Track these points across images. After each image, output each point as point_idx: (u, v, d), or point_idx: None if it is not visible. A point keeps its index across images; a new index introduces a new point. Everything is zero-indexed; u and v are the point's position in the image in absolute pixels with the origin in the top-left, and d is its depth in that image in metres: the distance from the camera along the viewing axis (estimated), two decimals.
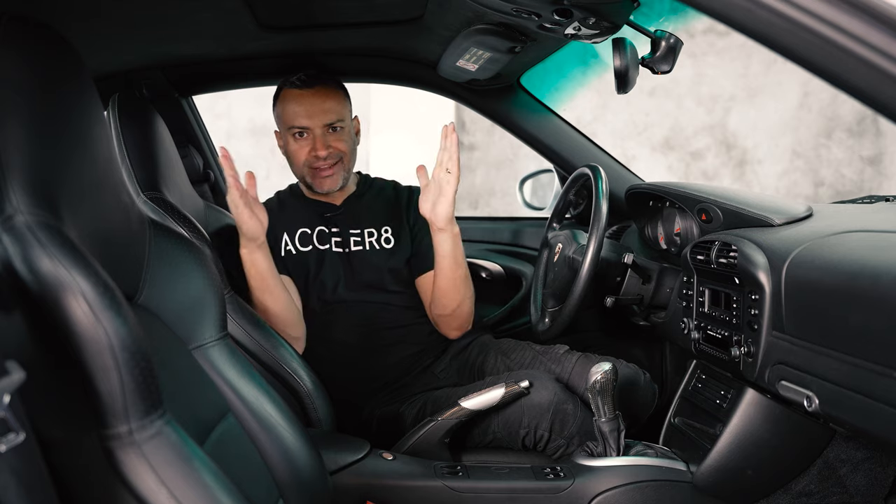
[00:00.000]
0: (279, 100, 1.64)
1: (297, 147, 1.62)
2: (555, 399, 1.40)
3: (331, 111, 1.61)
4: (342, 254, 1.67)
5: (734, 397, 1.24)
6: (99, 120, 0.78)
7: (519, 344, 1.65)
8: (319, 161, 1.61)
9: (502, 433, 1.43)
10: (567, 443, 1.40)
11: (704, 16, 0.67)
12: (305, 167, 1.63)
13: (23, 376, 0.52)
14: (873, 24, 0.61)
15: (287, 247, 1.65)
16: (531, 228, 2.13)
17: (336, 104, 1.63)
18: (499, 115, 1.93)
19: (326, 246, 1.66)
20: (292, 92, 1.61)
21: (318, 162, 1.61)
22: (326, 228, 1.67)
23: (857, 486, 1.24)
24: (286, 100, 1.62)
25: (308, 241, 1.66)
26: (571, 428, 1.40)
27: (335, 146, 1.62)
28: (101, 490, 0.63)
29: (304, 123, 1.60)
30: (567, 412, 1.40)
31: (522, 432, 1.41)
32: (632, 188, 1.68)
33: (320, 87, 1.61)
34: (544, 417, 1.39)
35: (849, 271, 0.92)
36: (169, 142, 1.60)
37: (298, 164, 1.64)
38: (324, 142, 1.60)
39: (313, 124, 1.60)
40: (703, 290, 1.33)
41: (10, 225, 0.64)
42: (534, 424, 1.40)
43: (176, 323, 0.88)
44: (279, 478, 0.96)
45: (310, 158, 1.61)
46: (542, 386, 1.42)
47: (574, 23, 1.19)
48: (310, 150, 1.61)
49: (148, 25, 1.45)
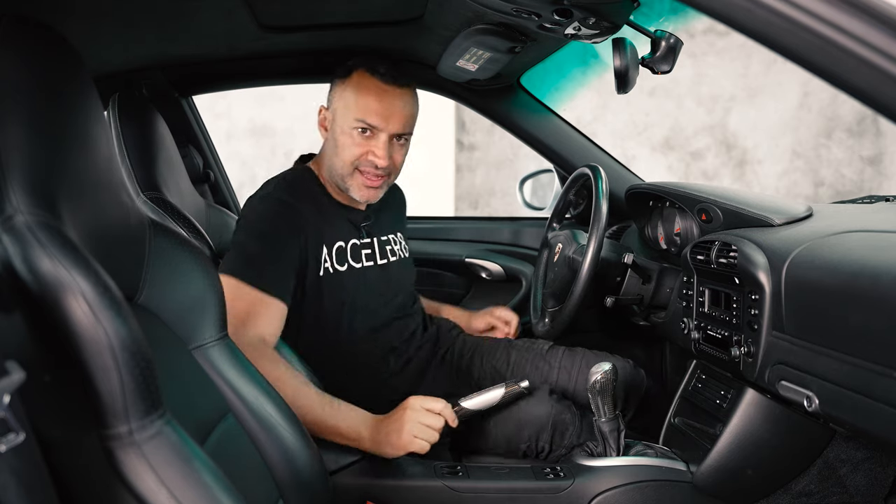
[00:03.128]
0: (352, 83, 1.40)
1: (352, 142, 1.40)
2: (552, 412, 1.42)
3: (408, 120, 1.42)
4: (375, 268, 1.50)
5: (734, 397, 1.24)
6: (99, 120, 0.78)
7: (499, 343, 1.64)
8: (372, 169, 1.41)
9: (503, 448, 1.44)
10: (568, 451, 1.41)
11: (704, 16, 0.67)
12: (352, 167, 1.41)
13: (23, 376, 0.52)
14: (873, 24, 0.61)
15: (325, 264, 1.41)
16: (531, 228, 2.13)
17: (414, 113, 1.45)
18: (499, 115, 1.93)
19: (360, 264, 1.47)
20: (374, 82, 1.39)
21: (370, 168, 1.41)
22: (358, 241, 1.48)
23: (857, 486, 1.24)
24: (364, 88, 1.39)
25: (343, 259, 1.44)
26: (571, 437, 1.42)
27: (395, 159, 1.43)
28: (101, 490, 0.63)
29: (376, 123, 1.38)
30: (566, 422, 1.42)
31: (523, 446, 1.43)
32: (632, 188, 1.68)
33: (407, 88, 1.42)
34: (544, 430, 1.41)
35: (849, 271, 0.92)
36: (169, 142, 1.60)
37: (345, 161, 1.41)
38: (388, 151, 1.40)
39: (386, 128, 1.39)
40: (703, 290, 1.33)
41: (10, 225, 0.64)
42: (534, 438, 1.41)
43: (176, 323, 0.88)
44: (279, 478, 0.96)
45: (363, 161, 1.40)
46: (538, 400, 1.43)
47: (574, 23, 1.19)
48: (367, 153, 1.40)
49: (148, 25, 1.45)
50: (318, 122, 1.48)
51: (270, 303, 1.29)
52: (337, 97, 1.43)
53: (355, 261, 1.46)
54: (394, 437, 1.20)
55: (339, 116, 1.42)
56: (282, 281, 1.33)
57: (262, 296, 1.28)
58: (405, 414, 1.20)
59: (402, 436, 1.19)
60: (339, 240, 1.44)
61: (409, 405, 1.21)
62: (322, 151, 1.50)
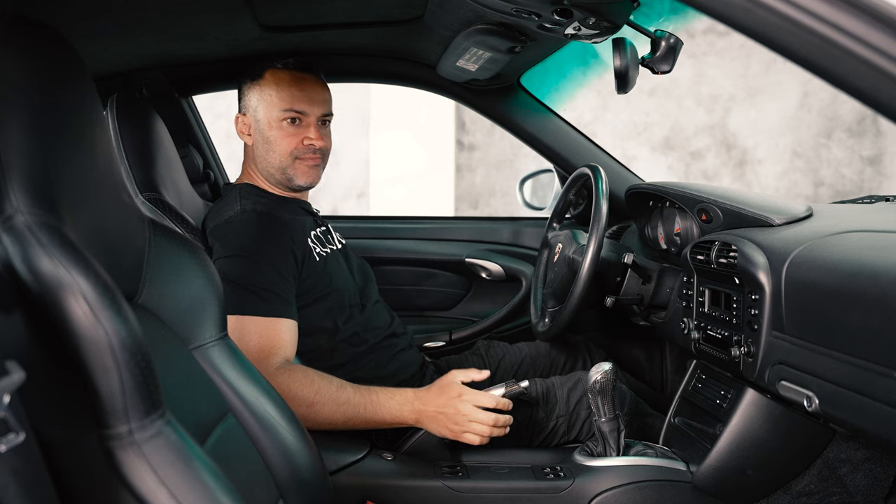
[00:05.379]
0: (267, 81, 1.47)
1: (285, 134, 1.46)
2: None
3: (328, 100, 1.51)
4: (337, 253, 1.54)
5: (734, 397, 1.24)
6: (99, 120, 0.78)
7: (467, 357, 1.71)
8: (311, 154, 1.47)
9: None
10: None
11: (704, 16, 0.67)
12: (291, 157, 1.47)
13: (23, 376, 0.52)
14: (873, 24, 0.61)
15: (316, 250, 1.46)
16: (531, 228, 2.13)
17: (330, 95, 1.52)
18: (499, 115, 1.93)
19: (330, 248, 1.52)
20: (288, 73, 1.47)
21: (307, 153, 1.47)
22: (317, 229, 1.54)
23: (857, 486, 1.24)
24: (280, 81, 1.47)
25: (323, 244, 1.51)
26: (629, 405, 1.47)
27: (327, 140, 1.51)
28: (101, 490, 0.63)
29: (303, 108, 1.45)
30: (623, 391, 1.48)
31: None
32: (632, 188, 1.68)
33: (316, 76, 1.51)
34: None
35: (849, 271, 0.92)
36: (168, 142, 1.59)
37: (283, 154, 1.47)
38: (320, 132, 1.48)
39: (313, 111, 1.47)
40: (703, 290, 1.33)
41: (10, 225, 0.64)
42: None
43: (176, 323, 0.88)
44: (279, 478, 0.96)
45: (300, 148, 1.47)
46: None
47: (574, 23, 1.19)
48: (301, 140, 1.46)
49: (148, 25, 1.45)
50: (237, 131, 1.53)
51: (280, 324, 1.30)
52: (254, 99, 1.49)
53: (327, 245, 1.52)
54: (447, 430, 1.30)
55: (262, 115, 1.48)
56: (284, 297, 1.33)
57: (269, 322, 1.29)
58: (458, 406, 1.28)
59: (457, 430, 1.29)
60: (312, 228, 1.50)
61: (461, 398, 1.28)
62: (252, 158, 1.53)
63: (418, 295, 2.10)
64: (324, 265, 1.45)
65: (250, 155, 1.53)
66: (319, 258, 1.45)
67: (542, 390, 1.49)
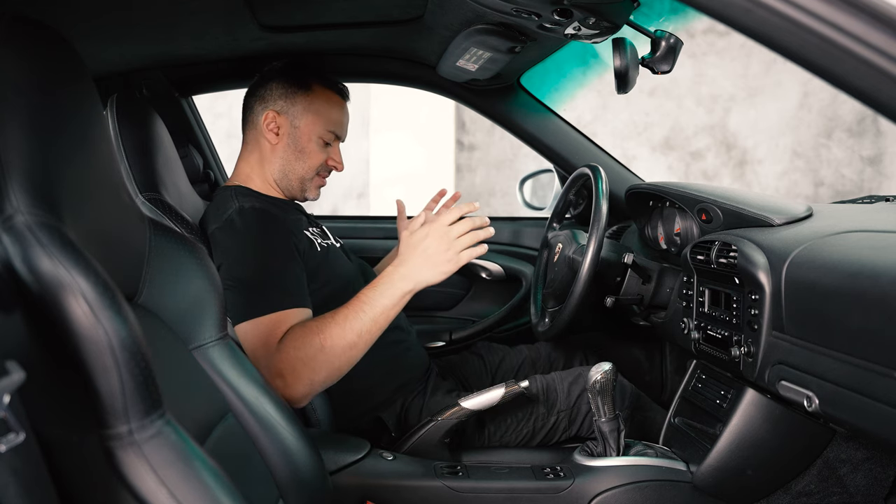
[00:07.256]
0: (316, 95, 1.52)
1: (319, 150, 1.53)
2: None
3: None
4: (335, 248, 1.56)
5: (734, 397, 1.24)
6: (99, 120, 0.78)
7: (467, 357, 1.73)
8: (327, 172, 1.57)
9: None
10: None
11: (704, 16, 0.67)
12: (314, 172, 1.54)
13: (23, 376, 0.52)
14: (873, 24, 0.61)
15: (317, 241, 1.50)
16: (531, 228, 2.13)
17: None
18: (499, 115, 1.93)
19: (328, 242, 1.55)
20: (336, 96, 1.55)
21: (326, 173, 1.57)
22: (314, 228, 1.57)
23: (857, 486, 1.24)
24: (331, 102, 1.54)
25: (323, 237, 1.56)
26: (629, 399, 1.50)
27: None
28: (101, 490, 0.63)
29: (341, 134, 1.56)
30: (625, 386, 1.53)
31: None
32: (632, 188, 1.68)
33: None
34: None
35: (849, 271, 0.92)
36: (168, 142, 1.59)
37: (310, 167, 1.53)
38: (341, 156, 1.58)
39: (343, 137, 1.58)
40: (703, 290, 1.33)
41: (10, 225, 0.64)
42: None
43: (176, 323, 0.88)
44: (279, 478, 0.96)
45: (324, 166, 1.55)
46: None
47: (574, 23, 1.19)
48: (327, 160, 1.54)
49: (148, 25, 1.45)
50: (262, 125, 1.51)
51: (297, 313, 1.27)
52: (300, 108, 1.50)
53: (326, 239, 1.55)
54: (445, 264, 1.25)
55: (304, 125, 1.51)
56: (298, 287, 1.31)
57: (286, 313, 1.26)
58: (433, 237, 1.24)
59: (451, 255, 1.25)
60: (306, 227, 1.51)
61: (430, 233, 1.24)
62: (265, 156, 1.52)
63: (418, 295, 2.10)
64: (325, 255, 1.47)
65: (265, 153, 1.52)
66: (321, 248, 1.47)
67: (542, 386, 1.49)
